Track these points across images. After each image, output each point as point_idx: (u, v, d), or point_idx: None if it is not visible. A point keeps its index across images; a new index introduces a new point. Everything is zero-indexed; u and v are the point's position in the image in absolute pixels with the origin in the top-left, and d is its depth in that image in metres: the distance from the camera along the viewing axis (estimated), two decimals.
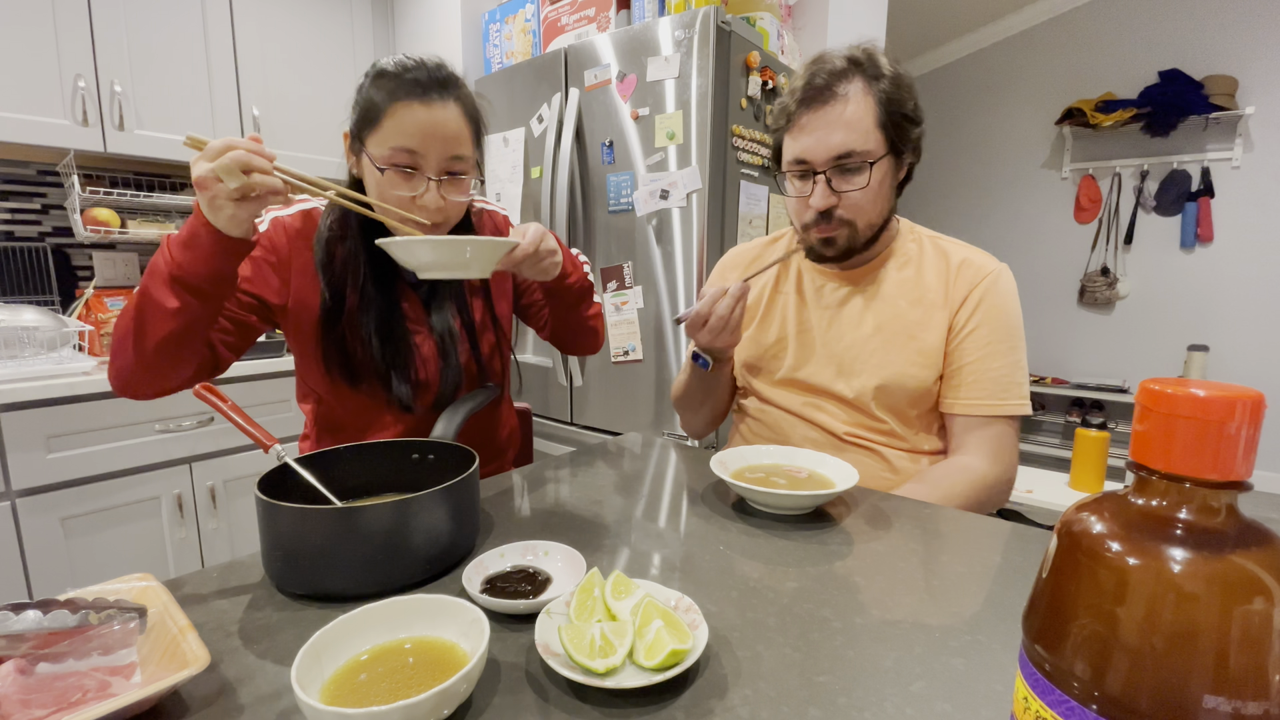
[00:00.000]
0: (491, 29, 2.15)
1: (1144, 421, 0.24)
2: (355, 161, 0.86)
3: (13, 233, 1.81)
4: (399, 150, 0.78)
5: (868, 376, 0.93)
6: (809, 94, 0.85)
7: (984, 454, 0.88)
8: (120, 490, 1.51)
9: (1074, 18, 3.63)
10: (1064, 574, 0.25)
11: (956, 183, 4.16)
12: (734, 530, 0.69)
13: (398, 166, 0.78)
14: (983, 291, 0.90)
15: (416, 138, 0.78)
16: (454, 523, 0.59)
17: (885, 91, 0.84)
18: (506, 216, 1.07)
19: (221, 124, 1.90)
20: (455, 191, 0.83)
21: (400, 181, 0.79)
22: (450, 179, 0.82)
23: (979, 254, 0.94)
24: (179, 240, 0.66)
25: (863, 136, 0.84)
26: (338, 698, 0.39)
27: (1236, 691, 0.21)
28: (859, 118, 0.84)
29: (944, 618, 0.52)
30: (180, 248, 0.66)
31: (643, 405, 1.77)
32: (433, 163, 0.79)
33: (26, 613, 0.42)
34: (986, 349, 0.89)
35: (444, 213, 0.83)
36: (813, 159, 0.87)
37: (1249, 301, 3.26)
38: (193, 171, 0.63)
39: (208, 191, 0.62)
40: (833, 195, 0.87)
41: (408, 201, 0.80)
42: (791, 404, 1.00)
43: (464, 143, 0.82)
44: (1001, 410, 0.88)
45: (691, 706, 0.41)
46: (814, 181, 0.88)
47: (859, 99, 0.84)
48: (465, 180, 0.84)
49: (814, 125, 0.85)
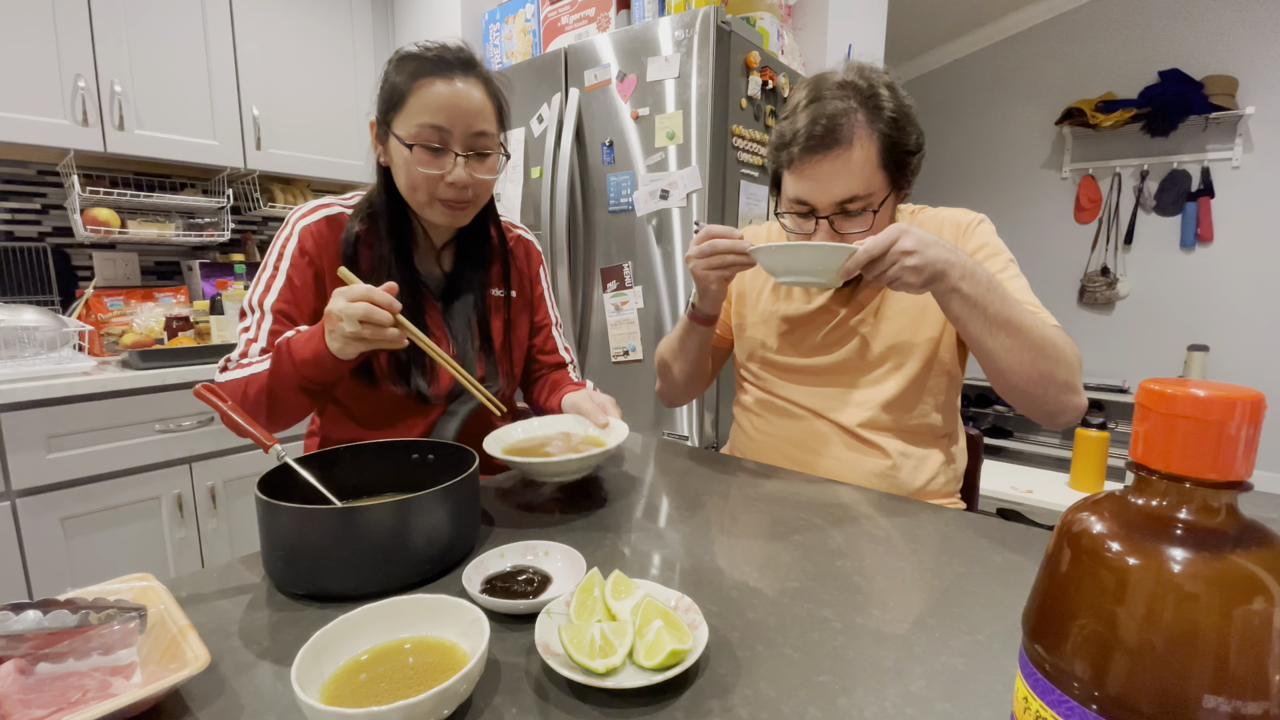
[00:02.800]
0: (491, 29, 2.15)
1: (1144, 421, 0.24)
2: (383, 150, 0.87)
3: (13, 233, 1.81)
4: (425, 127, 0.80)
5: (879, 349, 0.92)
6: (811, 141, 0.83)
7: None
8: (120, 490, 1.51)
9: (1074, 18, 3.63)
10: (1064, 574, 0.25)
11: (956, 183, 4.16)
12: (734, 530, 0.69)
13: (424, 145, 0.81)
14: (970, 235, 0.91)
15: (442, 113, 0.80)
16: (454, 523, 0.59)
17: (887, 133, 0.83)
18: (531, 240, 1.10)
19: (221, 124, 1.91)
20: (482, 169, 0.85)
21: (428, 159, 0.82)
22: (476, 157, 0.84)
23: (957, 210, 0.95)
24: (305, 359, 0.74)
25: (865, 182, 0.83)
26: (338, 698, 0.39)
27: (1236, 691, 0.21)
28: (861, 164, 0.83)
29: (944, 618, 0.52)
30: (307, 365, 0.74)
31: (643, 405, 1.77)
32: (458, 138, 0.82)
33: (26, 613, 0.42)
34: (1002, 274, 0.86)
35: (472, 189, 0.85)
36: (815, 203, 0.86)
37: (1249, 301, 3.26)
38: (330, 303, 0.71)
39: (330, 323, 0.71)
40: (836, 236, 0.87)
41: (438, 180, 0.83)
42: (802, 396, 0.98)
43: (488, 119, 0.84)
44: (1041, 314, 0.82)
45: (691, 706, 0.41)
46: (816, 224, 0.87)
47: (862, 143, 0.82)
48: (491, 159, 0.87)
49: (817, 173, 0.84)
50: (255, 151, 1.98)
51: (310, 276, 0.87)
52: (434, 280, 0.95)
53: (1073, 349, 0.79)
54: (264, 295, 0.84)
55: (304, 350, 0.74)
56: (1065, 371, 0.77)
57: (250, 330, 0.83)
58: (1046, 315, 0.82)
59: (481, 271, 0.98)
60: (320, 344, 0.73)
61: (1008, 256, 0.90)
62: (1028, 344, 0.75)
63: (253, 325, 0.84)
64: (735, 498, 0.79)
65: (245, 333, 0.84)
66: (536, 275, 1.09)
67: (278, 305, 0.84)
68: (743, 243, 0.84)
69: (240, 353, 0.83)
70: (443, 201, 0.85)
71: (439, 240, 0.96)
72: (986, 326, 0.75)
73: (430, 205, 0.85)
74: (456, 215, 0.87)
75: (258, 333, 0.83)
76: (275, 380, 0.77)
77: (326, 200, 0.90)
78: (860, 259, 0.73)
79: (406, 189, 0.85)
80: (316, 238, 0.87)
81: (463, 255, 0.97)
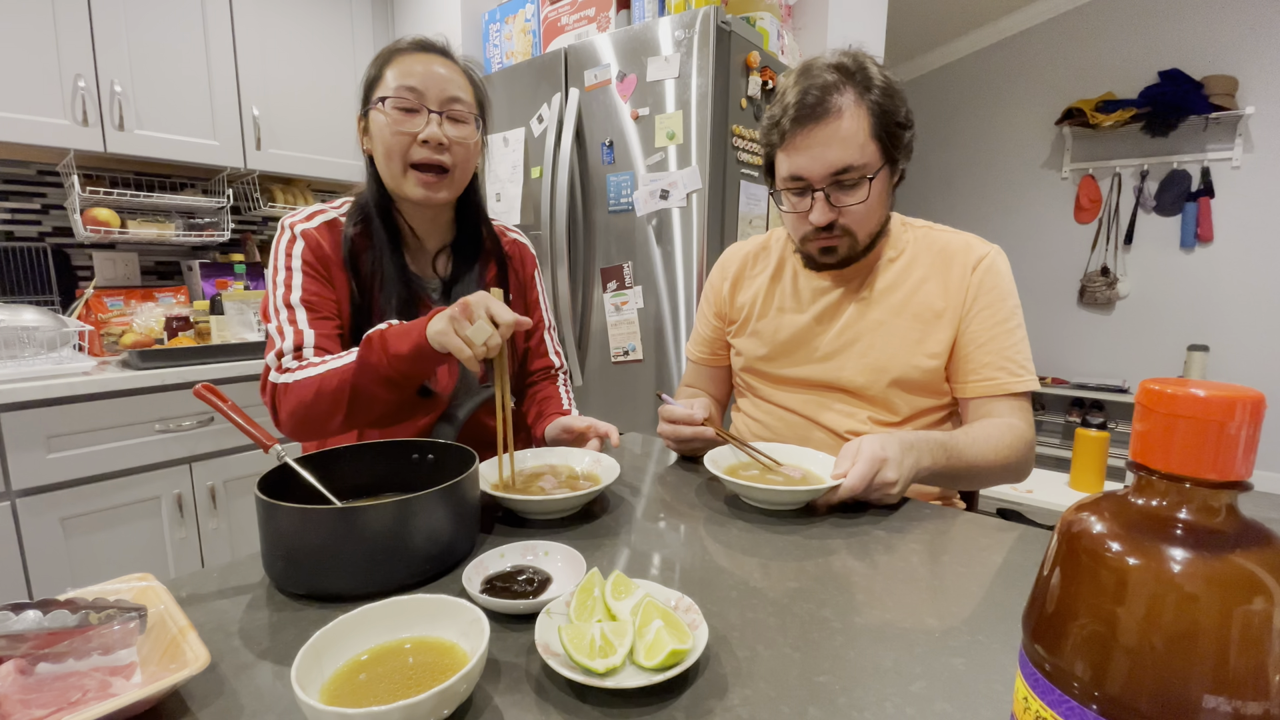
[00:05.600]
0: (491, 29, 2.15)
1: (1144, 421, 0.24)
2: (366, 137, 0.90)
3: (13, 233, 1.81)
4: (401, 89, 0.84)
5: (871, 369, 0.93)
6: (802, 111, 0.84)
7: (1016, 418, 0.88)
8: (120, 490, 1.51)
9: (1074, 18, 3.62)
10: (1064, 574, 0.25)
11: (956, 183, 4.16)
12: (734, 530, 0.69)
13: (399, 106, 0.84)
14: (981, 275, 0.91)
15: (416, 77, 0.84)
16: (454, 523, 0.59)
17: (878, 102, 0.84)
18: (526, 244, 1.11)
19: (221, 124, 1.91)
20: (457, 132, 0.87)
21: (403, 118, 0.84)
22: (450, 120, 0.87)
23: (970, 237, 0.95)
24: (401, 353, 0.74)
25: (859, 151, 0.84)
26: (338, 698, 0.39)
27: (1236, 691, 0.21)
28: (854, 132, 0.84)
29: (944, 618, 0.52)
30: (402, 360, 0.75)
31: (642, 405, 1.77)
32: (433, 99, 0.85)
33: (26, 613, 0.42)
34: (994, 329, 0.89)
35: (448, 153, 0.87)
36: (810, 176, 0.86)
37: (1249, 301, 3.26)
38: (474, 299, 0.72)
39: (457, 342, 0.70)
40: (832, 210, 0.87)
41: (411, 139, 0.85)
42: (793, 403, 1.00)
43: (462, 89, 0.88)
44: (1018, 386, 0.88)
45: (691, 706, 0.41)
46: (812, 198, 0.87)
47: (853, 113, 0.84)
48: (467, 127, 0.89)
49: (809, 143, 0.85)
50: (255, 151, 1.98)
51: (323, 273, 0.87)
52: (432, 284, 0.95)
53: (1026, 444, 0.87)
54: (287, 293, 0.84)
55: (401, 344, 0.74)
56: (1019, 472, 0.88)
57: (286, 327, 0.83)
58: (1029, 379, 0.89)
59: (479, 275, 0.98)
60: (421, 338, 0.73)
61: (1011, 305, 0.91)
62: (987, 477, 0.86)
63: (285, 323, 0.83)
64: (735, 497, 0.79)
65: (282, 330, 0.83)
66: (532, 279, 1.10)
67: (305, 298, 0.85)
68: (705, 429, 0.89)
69: (294, 344, 0.82)
70: (416, 167, 0.86)
71: (432, 244, 0.96)
72: (953, 480, 0.86)
73: (405, 176, 0.86)
74: (431, 187, 0.87)
75: (298, 327, 0.83)
76: (363, 373, 0.76)
77: (319, 207, 0.91)
78: (843, 497, 0.73)
79: (384, 158, 0.86)
80: (319, 241, 0.87)
81: (460, 259, 0.98)
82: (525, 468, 0.82)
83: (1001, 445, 0.84)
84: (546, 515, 0.71)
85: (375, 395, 0.77)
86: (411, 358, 0.74)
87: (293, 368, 0.81)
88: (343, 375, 0.77)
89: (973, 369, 0.90)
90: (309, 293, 0.85)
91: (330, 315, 0.87)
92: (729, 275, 1.10)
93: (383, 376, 0.76)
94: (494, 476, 0.78)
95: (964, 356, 0.91)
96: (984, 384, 0.90)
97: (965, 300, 0.91)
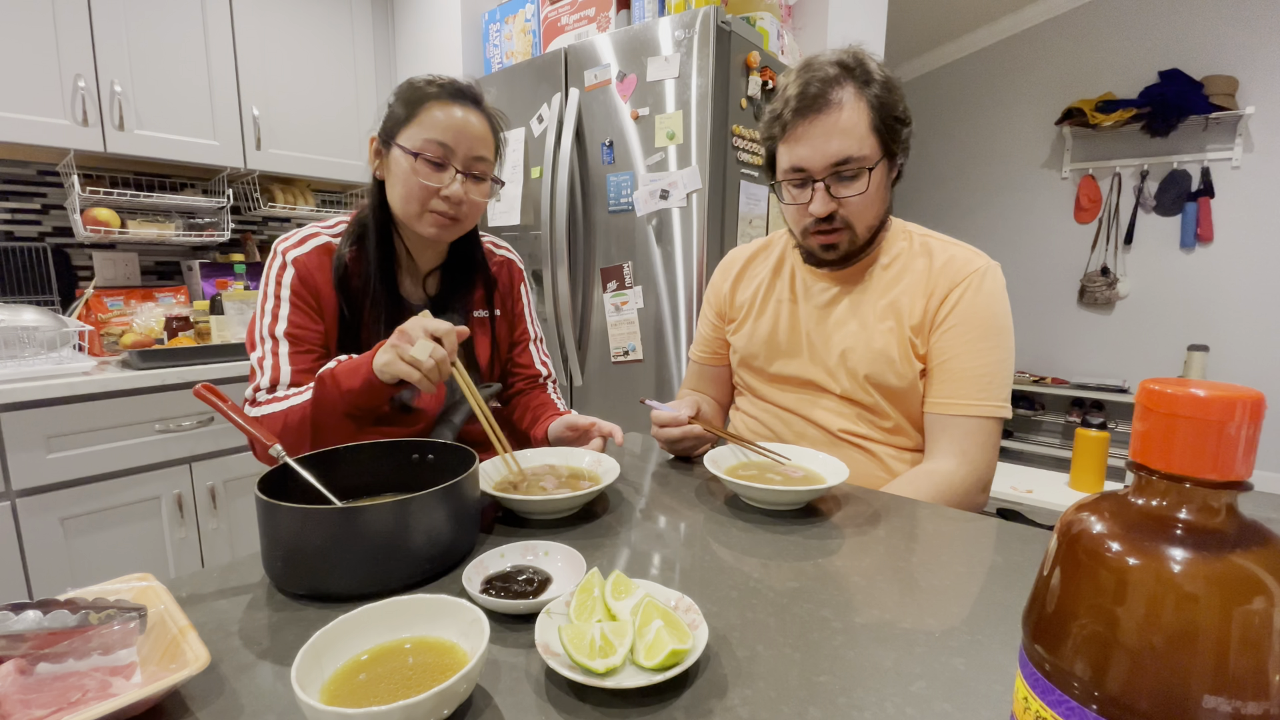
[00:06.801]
0: (491, 29, 2.15)
1: (1144, 421, 0.24)
2: (380, 164, 0.91)
3: (13, 233, 1.81)
4: (430, 142, 0.85)
5: (855, 372, 0.93)
6: (803, 103, 0.85)
7: (953, 455, 0.86)
8: (120, 490, 1.51)
9: (1074, 18, 3.63)
10: (1064, 574, 0.25)
11: (956, 183, 4.16)
12: (734, 530, 0.69)
13: (427, 158, 0.86)
14: (964, 288, 0.89)
15: (448, 133, 0.86)
16: (454, 523, 0.59)
17: (877, 96, 0.85)
18: (514, 260, 1.12)
19: (221, 124, 1.91)
20: (477, 191, 0.91)
21: (429, 172, 0.86)
22: (473, 179, 0.89)
23: (967, 250, 0.93)
24: (353, 388, 0.77)
25: (859, 142, 0.85)
26: (338, 698, 0.39)
27: (1236, 691, 0.21)
28: (854, 124, 0.84)
29: (944, 618, 0.52)
30: (355, 395, 0.77)
31: (643, 405, 1.77)
32: (460, 157, 0.87)
33: (26, 613, 0.42)
34: (965, 347, 0.88)
35: (465, 207, 0.89)
36: (810, 167, 0.87)
37: (1249, 301, 3.26)
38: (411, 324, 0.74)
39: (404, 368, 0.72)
40: (832, 201, 0.87)
41: (432, 191, 0.86)
42: (787, 401, 1.00)
43: (488, 146, 0.91)
44: (977, 410, 0.86)
45: (691, 706, 0.41)
46: (812, 189, 0.88)
47: (853, 105, 0.85)
48: (485, 185, 0.92)
49: (810, 134, 0.86)
50: (255, 151, 1.98)
51: (311, 303, 0.89)
52: (419, 304, 0.97)
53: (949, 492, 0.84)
54: (273, 324, 0.86)
55: (351, 380, 0.77)
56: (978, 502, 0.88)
57: (267, 360, 0.85)
58: (993, 405, 0.86)
59: (466, 295, 1.00)
60: (369, 372, 0.75)
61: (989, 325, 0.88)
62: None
63: (268, 355, 0.85)
64: (735, 497, 0.79)
65: (264, 362, 0.85)
66: (518, 292, 1.11)
67: (290, 331, 0.86)
68: (693, 427, 0.89)
69: (270, 382, 0.84)
70: (434, 214, 0.88)
71: (424, 265, 0.98)
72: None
73: (421, 217, 0.88)
74: (444, 230, 0.90)
75: (278, 361, 0.85)
76: (320, 409, 0.79)
77: (312, 230, 0.92)
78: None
79: (401, 198, 0.87)
80: (310, 267, 0.88)
81: (448, 280, 1.00)
82: (525, 467, 0.82)
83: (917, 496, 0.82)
84: (546, 515, 0.71)
85: (337, 426, 0.80)
86: (363, 392, 0.77)
87: (263, 401, 0.84)
88: (304, 411, 0.80)
89: (936, 383, 0.89)
90: (294, 325, 0.87)
91: (313, 347, 0.88)
92: (730, 274, 1.10)
93: (340, 411, 0.79)
94: (495, 476, 0.78)
95: (933, 368, 0.90)
96: (942, 402, 0.88)
97: (940, 314, 0.89)
